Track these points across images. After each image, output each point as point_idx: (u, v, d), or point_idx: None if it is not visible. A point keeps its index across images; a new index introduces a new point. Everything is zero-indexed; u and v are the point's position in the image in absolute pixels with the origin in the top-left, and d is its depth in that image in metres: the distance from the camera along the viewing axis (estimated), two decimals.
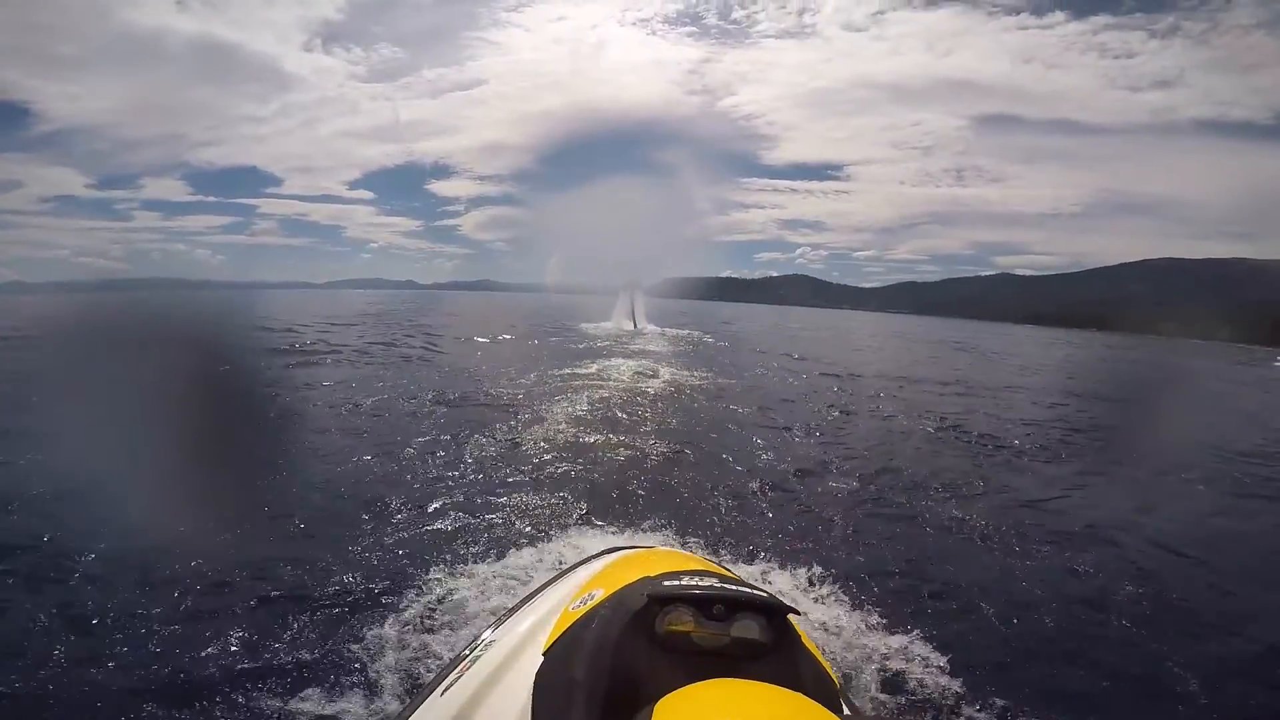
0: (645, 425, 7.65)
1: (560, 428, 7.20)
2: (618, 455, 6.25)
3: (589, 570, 2.14)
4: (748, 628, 1.39)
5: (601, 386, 9.88)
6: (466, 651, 1.78)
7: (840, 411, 9.74)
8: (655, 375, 11.63)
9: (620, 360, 13.45)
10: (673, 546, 3.54)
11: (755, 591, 1.49)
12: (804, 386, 12.38)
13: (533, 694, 1.40)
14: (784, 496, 5.50)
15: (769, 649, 1.39)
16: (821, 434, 8.03)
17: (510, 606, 2.09)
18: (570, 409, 8.14)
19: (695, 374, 12.34)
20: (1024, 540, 4.86)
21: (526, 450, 6.29)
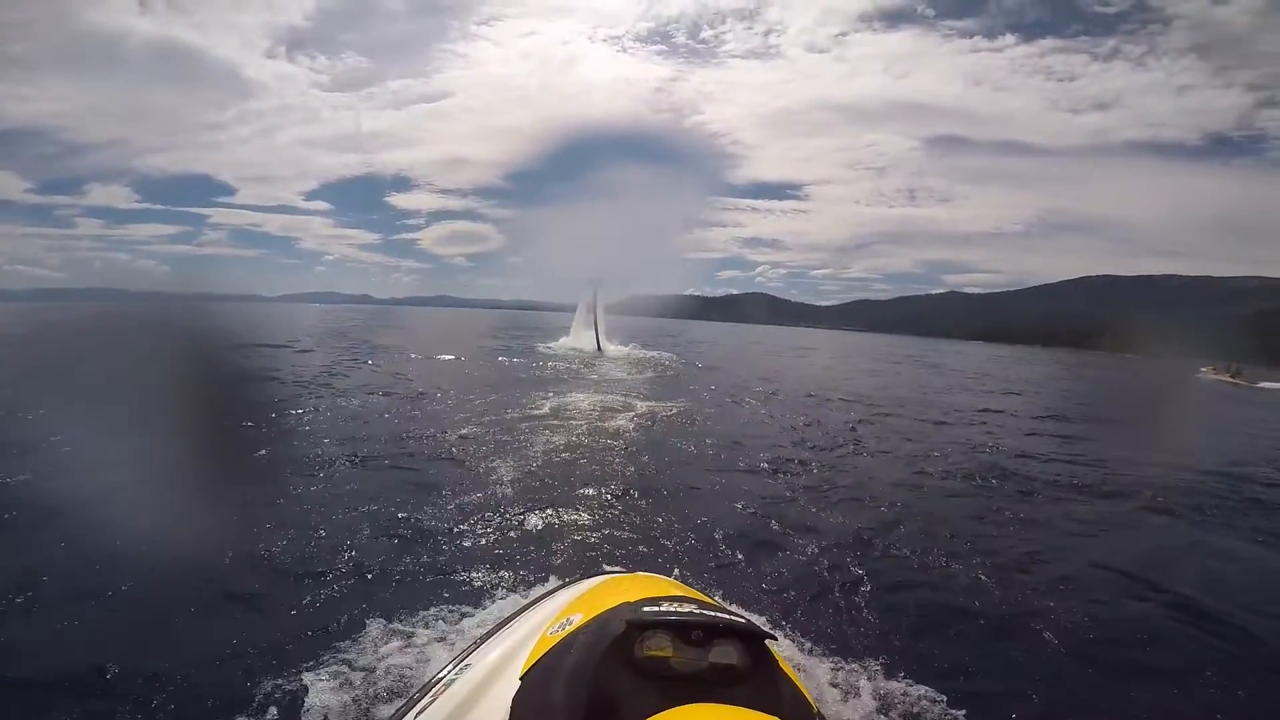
0: (619, 455, 7.40)
1: (532, 455, 6.96)
2: (593, 485, 6.00)
3: (568, 595, 2.11)
4: (726, 653, 1.39)
5: (565, 421, 9.35)
6: (441, 675, 1.73)
7: (817, 438, 9.57)
8: (625, 409, 10.70)
9: (582, 395, 12.09)
10: (653, 572, 3.39)
11: (733, 618, 1.49)
12: (780, 412, 12.11)
13: (509, 718, 1.38)
14: (763, 524, 5.44)
15: (747, 674, 1.39)
16: (799, 462, 7.85)
17: (486, 630, 2.03)
18: (538, 439, 7.78)
19: (668, 404, 11.70)
20: (1006, 567, 4.83)
21: (497, 477, 6.09)
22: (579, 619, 1.72)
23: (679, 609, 1.50)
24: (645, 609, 1.51)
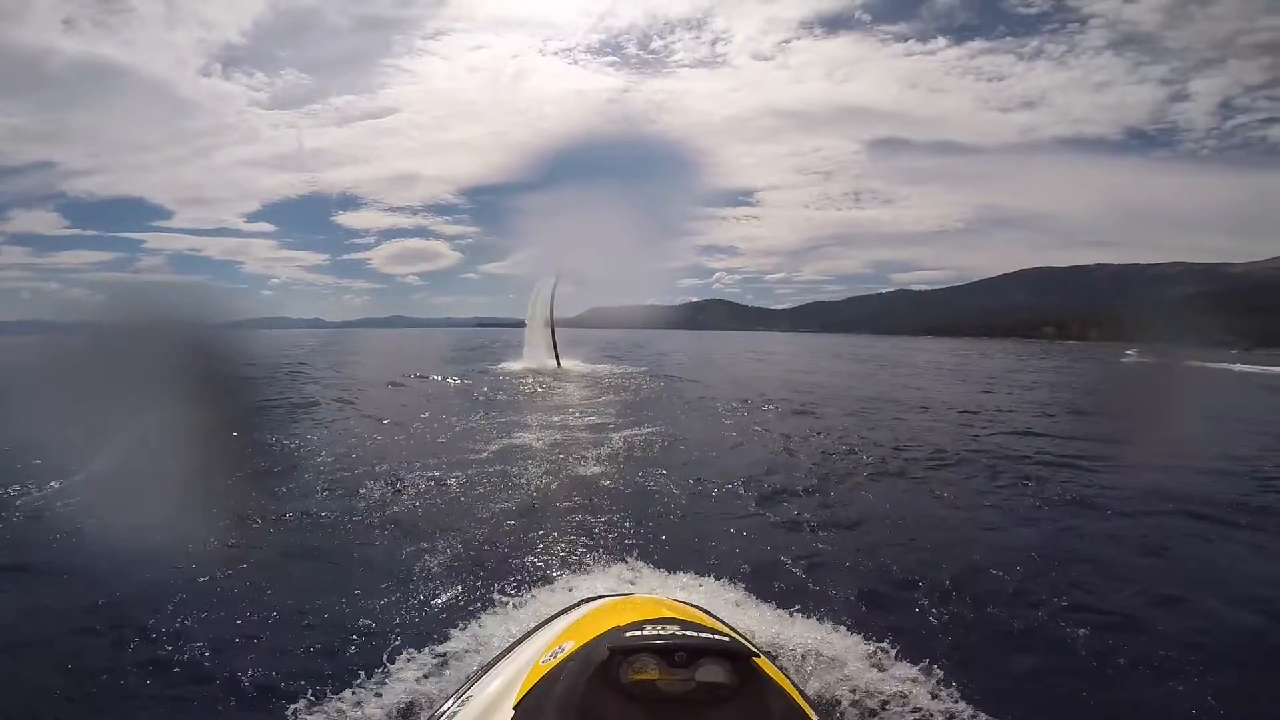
0: (604, 471, 7.42)
1: (512, 484, 6.85)
2: (579, 512, 5.93)
3: (562, 623, 2.12)
4: (713, 672, 1.40)
5: (543, 452, 9.07)
6: (444, 709, 1.74)
7: (796, 443, 9.60)
8: (595, 437, 10.09)
9: (541, 417, 11.54)
10: (651, 591, 3.51)
11: (717, 637, 1.52)
12: (762, 421, 12.06)
13: None
14: (756, 536, 5.44)
15: (736, 692, 1.39)
16: (784, 471, 7.91)
17: (486, 662, 2.04)
18: (512, 468, 7.56)
19: (642, 428, 11.26)
20: (1013, 564, 4.90)
21: (487, 504, 6.02)
22: (570, 646, 1.73)
23: (663, 631, 1.51)
24: (629, 633, 1.52)
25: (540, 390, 16.48)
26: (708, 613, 2.36)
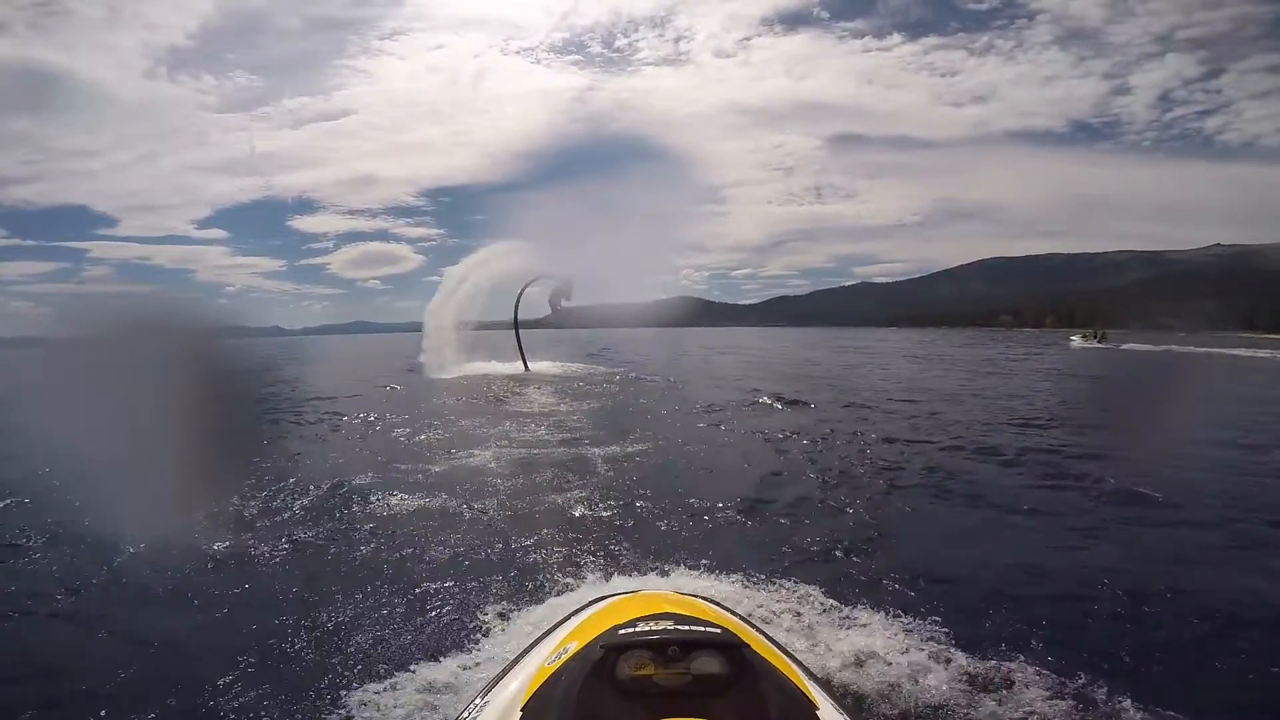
0: (595, 468, 7.47)
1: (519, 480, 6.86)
2: (578, 507, 5.98)
3: (568, 626, 2.16)
4: (708, 664, 1.44)
5: (529, 453, 8.87)
6: (462, 713, 1.79)
7: (789, 436, 9.63)
8: (577, 434, 10.04)
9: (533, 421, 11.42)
10: (657, 587, 3.56)
11: (709, 629, 1.55)
12: (752, 415, 12.11)
13: None
14: (760, 526, 5.53)
15: (731, 683, 1.42)
16: (780, 461, 8.05)
17: (502, 668, 2.07)
18: (502, 470, 7.48)
19: (631, 429, 11.03)
20: (1003, 542, 5.19)
21: (486, 511, 5.96)
22: (574, 647, 1.78)
23: (655, 627, 1.56)
24: (622, 631, 1.57)
25: (519, 393, 15.89)
26: (714, 603, 2.39)
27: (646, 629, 1.55)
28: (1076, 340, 44.44)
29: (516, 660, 2.08)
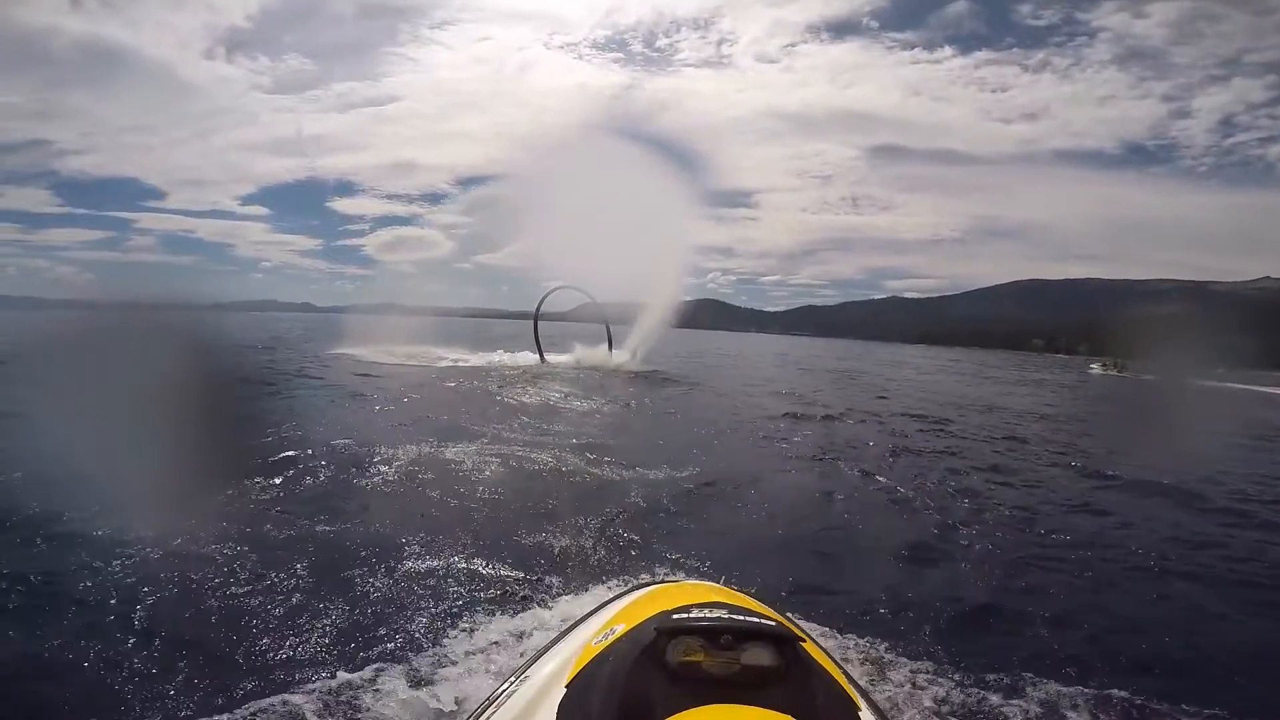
0: (644, 461, 7.46)
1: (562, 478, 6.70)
2: (615, 499, 5.97)
3: (615, 607, 2.20)
4: (758, 655, 1.44)
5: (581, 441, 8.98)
6: (503, 687, 1.81)
7: (833, 439, 9.75)
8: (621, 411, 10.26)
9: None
10: (699, 579, 3.57)
11: (762, 621, 1.56)
12: (789, 427, 11.75)
13: None
14: (805, 528, 5.59)
15: (781, 676, 1.42)
16: (827, 461, 8.14)
17: (543, 645, 2.11)
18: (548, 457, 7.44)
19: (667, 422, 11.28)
20: (1049, 559, 5.07)
21: (516, 496, 5.94)
22: (621, 629, 1.80)
23: (709, 614, 1.56)
24: (676, 616, 1.56)
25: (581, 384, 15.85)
26: (756, 598, 2.41)
27: (700, 615, 1.55)
28: (1095, 369, 44.63)
29: (559, 639, 2.11)
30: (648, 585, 2.54)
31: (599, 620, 2.10)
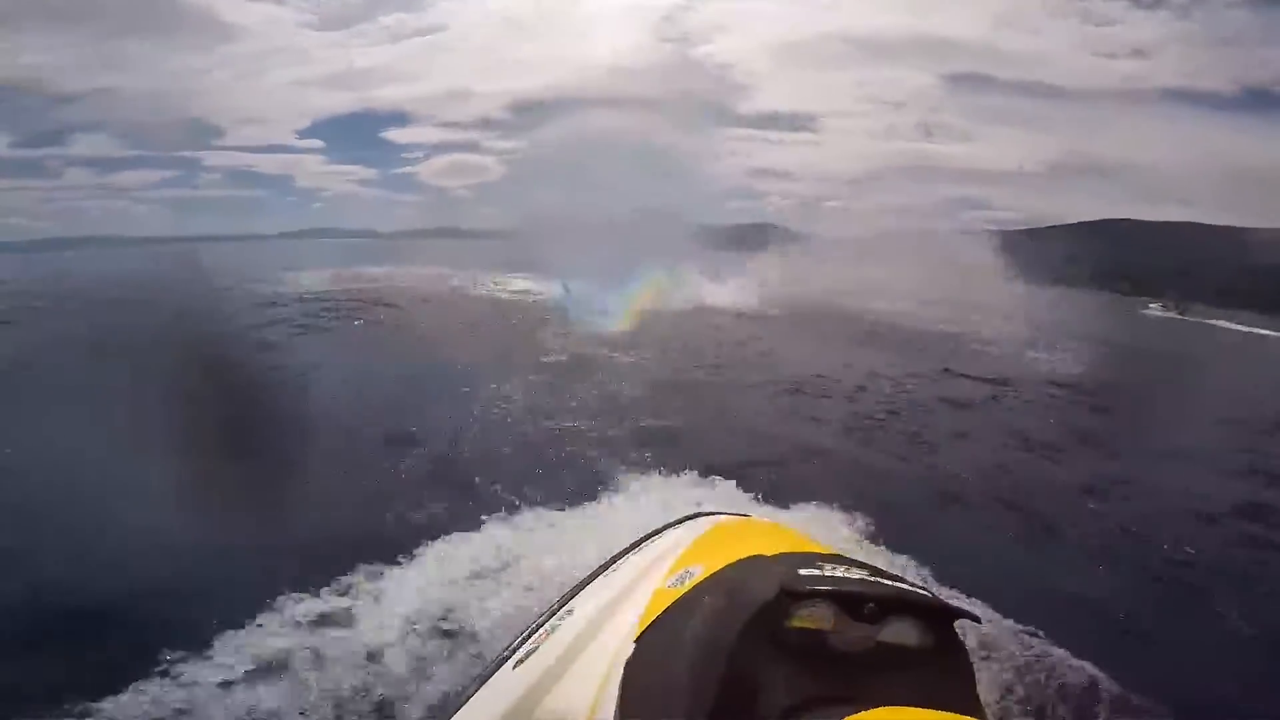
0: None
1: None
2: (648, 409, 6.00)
3: (678, 539, 1.84)
4: (903, 633, 1.15)
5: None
6: (542, 621, 1.57)
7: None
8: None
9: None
10: (752, 514, 3.06)
11: (920, 590, 1.26)
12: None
13: (621, 686, 1.19)
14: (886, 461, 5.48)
15: (926, 661, 1.14)
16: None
17: (589, 575, 1.80)
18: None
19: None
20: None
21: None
22: (700, 571, 1.46)
23: (848, 575, 1.22)
24: (801, 570, 1.22)
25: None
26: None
27: (835, 574, 1.22)
28: (1153, 309, 43.00)
29: (607, 567, 1.82)
30: (711, 515, 2.15)
31: (657, 554, 1.76)
